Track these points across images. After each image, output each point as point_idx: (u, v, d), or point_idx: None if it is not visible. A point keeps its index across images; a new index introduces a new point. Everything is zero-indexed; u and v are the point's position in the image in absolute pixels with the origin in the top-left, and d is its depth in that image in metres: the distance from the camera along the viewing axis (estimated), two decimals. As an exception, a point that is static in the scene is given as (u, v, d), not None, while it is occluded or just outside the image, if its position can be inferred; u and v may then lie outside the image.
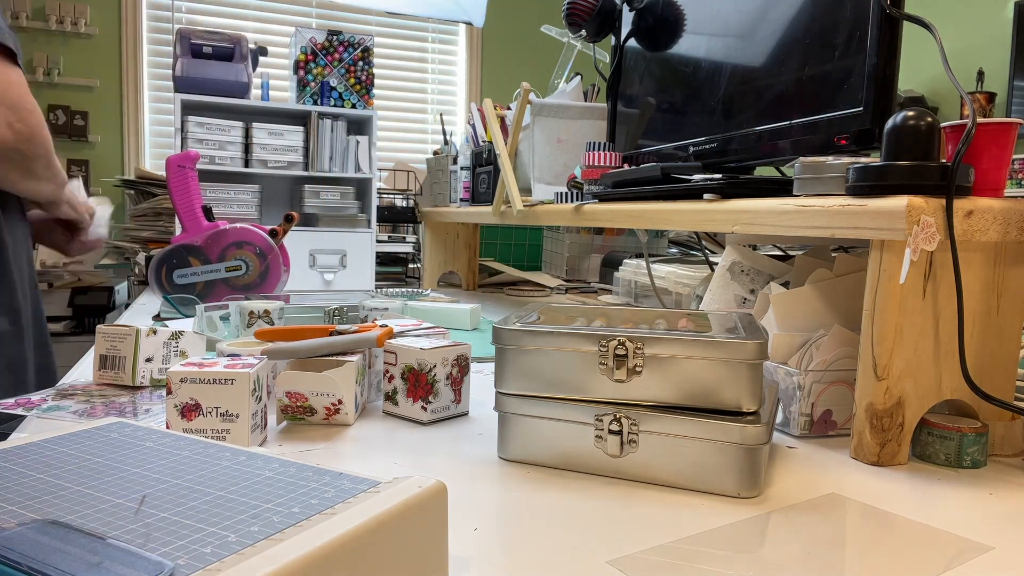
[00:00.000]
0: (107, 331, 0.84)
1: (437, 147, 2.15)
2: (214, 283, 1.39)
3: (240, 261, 1.39)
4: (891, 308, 0.62)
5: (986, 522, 0.53)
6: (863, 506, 0.55)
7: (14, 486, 0.39)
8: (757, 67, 0.94)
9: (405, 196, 2.33)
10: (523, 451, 0.62)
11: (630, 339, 0.58)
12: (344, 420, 0.71)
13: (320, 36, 1.80)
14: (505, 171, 1.39)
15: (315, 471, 0.42)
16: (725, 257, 0.91)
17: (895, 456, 0.64)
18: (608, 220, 1.10)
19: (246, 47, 1.74)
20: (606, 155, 1.23)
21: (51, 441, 0.47)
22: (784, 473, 0.62)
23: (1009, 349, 0.68)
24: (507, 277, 1.99)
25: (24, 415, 0.72)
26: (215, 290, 1.39)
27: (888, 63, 0.74)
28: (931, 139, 0.64)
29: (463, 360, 0.75)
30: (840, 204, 0.66)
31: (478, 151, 1.71)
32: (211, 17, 3.94)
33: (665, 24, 1.18)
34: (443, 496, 0.40)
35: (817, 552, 0.47)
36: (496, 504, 0.54)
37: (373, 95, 1.85)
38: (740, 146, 0.96)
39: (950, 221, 0.61)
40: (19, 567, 0.30)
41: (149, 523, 0.35)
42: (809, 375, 0.70)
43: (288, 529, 0.34)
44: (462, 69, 4.57)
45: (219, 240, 1.39)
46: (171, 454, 0.45)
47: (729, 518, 0.52)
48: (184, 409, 0.62)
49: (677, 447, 0.57)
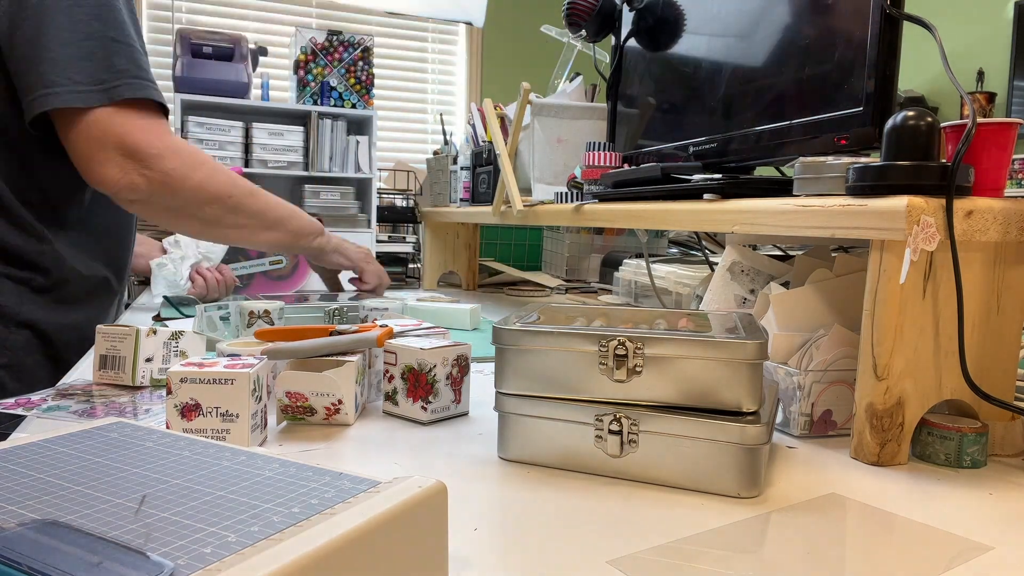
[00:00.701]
0: (107, 331, 0.84)
1: (437, 147, 2.15)
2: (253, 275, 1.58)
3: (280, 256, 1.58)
4: (891, 308, 0.62)
5: (986, 522, 0.53)
6: (863, 506, 0.55)
7: (14, 486, 0.39)
8: (757, 67, 0.94)
9: (405, 196, 2.33)
10: (523, 451, 0.62)
11: (630, 339, 0.58)
12: (344, 420, 0.71)
13: (320, 36, 1.81)
14: (505, 171, 1.39)
15: (315, 471, 0.42)
16: (725, 257, 0.91)
17: (895, 456, 0.64)
18: (608, 220, 1.10)
19: (246, 47, 1.74)
20: (606, 155, 1.23)
21: (51, 441, 0.47)
22: (784, 473, 0.62)
23: (1009, 349, 0.68)
24: (507, 277, 1.99)
25: (24, 415, 0.72)
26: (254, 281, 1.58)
27: (888, 63, 0.74)
28: (931, 139, 0.64)
29: (463, 360, 0.75)
30: (840, 204, 0.66)
31: (478, 151, 1.71)
32: (211, 17, 3.94)
33: (665, 24, 1.18)
34: (443, 496, 0.40)
35: (817, 552, 0.47)
36: (496, 504, 0.54)
37: (373, 95, 1.85)
38: (740, 146, 0.96)
39: (950, 221, 0.61)
40: (19, 567, 0.30)
41: (149, 523, 0.35)
42: (809, 375, 0.70)
43: (288, 529, 0.34)
44: (462, 69, 4.57)
45: None
46: (171, 454, 0.45)
47: (729, 518, 0.52)
48: (184, 409, 0.62)
49: (677, 447, 0.57)
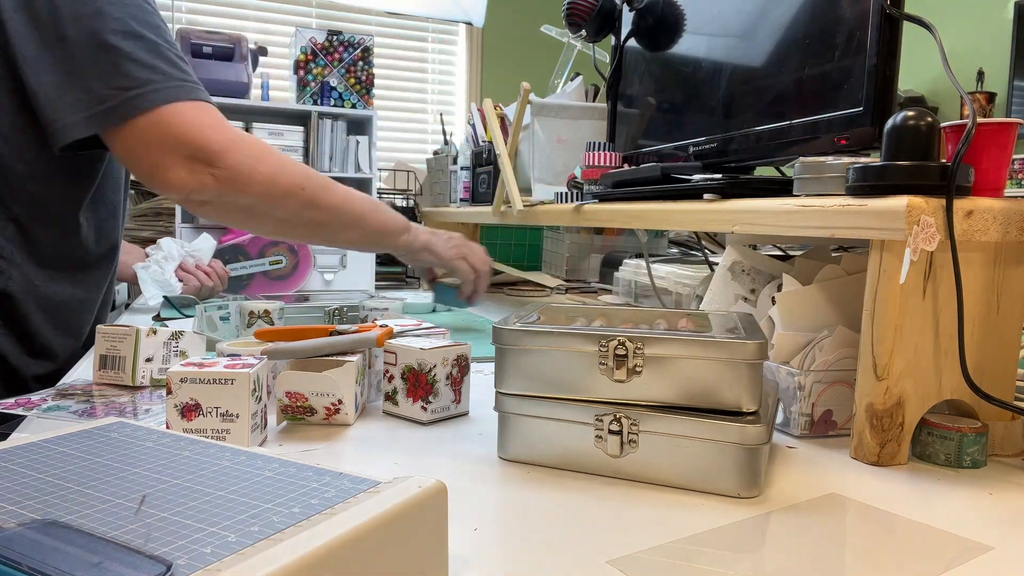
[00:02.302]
0: (107, 331, 0.84)
1: (437, 147, 2.15)
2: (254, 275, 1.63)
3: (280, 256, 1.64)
4: (891, 308, 0.62)
5: (986, 522, 0.53)
6: (863, 506, 0.55)
7: (14, 486, 0.39)
8: (757, 67, 0.94)
9: (405, 196, 2.32)
10: (523, 451, 0.62)
11: (630, 339, 0.58)
12: (344, 420, 0.71)
13: (320, 36, 1.80)
14: (505, 171, 1.39)
15: (315, 471, 0.42)
16: (725, 257, 0.91)
17: (895, 456, 0.64)
18: (608, 220, 1.10)
19: (246, 47, 1.74)
20: (606, 155, 1.23)
21: (51, 441, 0.47)
22: (784, 473, 0.62)
23: (1009, 349, 0.68)
24: (507, 277, 1.98)
25: (24, 415, 0.72)
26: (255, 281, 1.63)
27: (888, 63, 0.74)
28: (931, 139, 0.64)
29: (463, 360, 0.75)
30: (840, 204, 0.66)
31: (478, 151, 1.71)
32: (211, 17, 3.94)
33: (665, 24, 1.18)
34: (443, 496, 0.40)
35: (817, 552, 0.47)
36: (496, 504, 0.54)
37: (373, 95, 1.85)
38: (740, 146, 0.96)
39: (950, 221, 0.61)
40: (19, 567, 0.30)
41: (149, 523, 0.35)
42: (810, 375, 0.70)
43: (288, 529, 0.34)
44: (462, 69, 4.56)
45: (259, 239, 1.64)
46: (171, 454, 0.45)
47: (729, 518, 0.52)
48: (184, 409, 0.62)
49: (677, 447, 0.57)
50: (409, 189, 2.40)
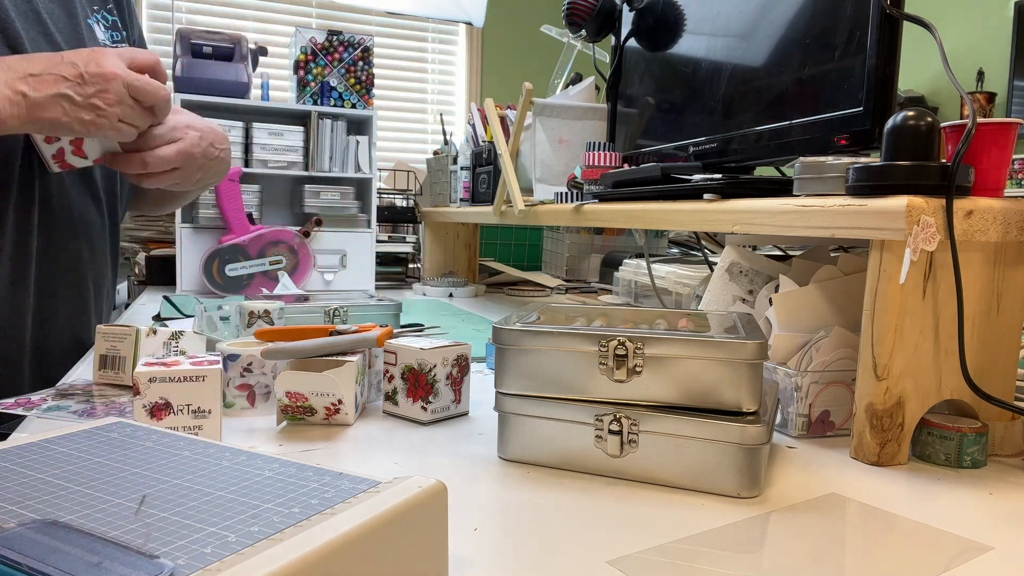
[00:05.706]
0: (107, 331, 0.84)
1: (437, 147, 2.15)
2: (254, 275, 1.64)
3: (280, 256, 1.67)
4: (891, 308, 0.62)
5: (986, 522, 0.53)
6: (863, 506, 0.55)
7: (14, 486, 0.39)
8: (757, 67, 0.94)
9: (405, 196, 2.33)
10: (523, 451, 0.62)
11: (630, 339, 0.58)
12: (344, 420, 0.71)
13: (320, 36, 1.80)
14: (507, 171, 1.39)
15: (315, 471, 0.42)
16: (724, 258, 0.91)
17: (895, 456, 0.64)
18: (608, 220, 1.10)
19: (246, 47, 1.74)
20: (606, 155, 1.23)
21: (51, 441, 0.47)
22: (784, 473, 0.62)
23: (1009, 349, 0.68)
24: (507, 277, 1.99)
25: (24, 415, 0.72)
26: (255, 281, 1.64)
27: (888, 63, 0.74)
28: (931, 139, 0.64)
29: (463, 360, 0.75)
30: (840, 204, 0.66)
31: (478, 151, 1.71)
32: (211, 17, 3.94)
33: (665, 24, 1.18)
34: (443, 496, 0.40)
35: (817, 552, 0.47)
36: (496, 504, 0.54)
37: (373, 95, 1.84)
38: (740, 146, 0.96)
39: (950, 221, 0.61)
40: (19, 567, 0.30)
41: (149, 523, 0.35)
42: (807, 376, 0.70)
43: (288, 529, 0.34)
44: (462, 69, 4.57)
45: (259, 239, 1.66)
46: (171, 454, 0.45)
47: (729, 518, 0.52)
48: (154, 408, 0.62)
49: (677, 447, 0.57)
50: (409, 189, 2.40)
